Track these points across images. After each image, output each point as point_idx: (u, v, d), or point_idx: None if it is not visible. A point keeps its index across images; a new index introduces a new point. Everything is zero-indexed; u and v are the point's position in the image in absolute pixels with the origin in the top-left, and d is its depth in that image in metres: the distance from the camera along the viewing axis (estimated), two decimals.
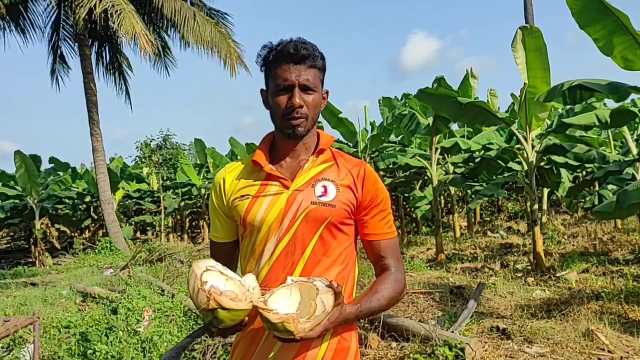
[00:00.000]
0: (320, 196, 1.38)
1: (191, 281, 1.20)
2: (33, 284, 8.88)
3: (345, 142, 12.86)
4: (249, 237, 1.43)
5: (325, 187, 1.40)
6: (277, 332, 1.15)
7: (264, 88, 1.47)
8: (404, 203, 14.74)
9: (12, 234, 21.94)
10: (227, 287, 1.23)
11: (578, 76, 5.94)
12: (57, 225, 17.72)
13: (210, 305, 1.14)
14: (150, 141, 16.16)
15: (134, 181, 20.03)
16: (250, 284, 1.27)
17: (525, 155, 7.54)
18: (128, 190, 19.76)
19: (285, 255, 1.37)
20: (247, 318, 1.22)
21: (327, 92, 1.48)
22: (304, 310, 1.18)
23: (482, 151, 10.75)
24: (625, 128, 8.76)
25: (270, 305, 1.19)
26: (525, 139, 7.45)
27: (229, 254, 1.55)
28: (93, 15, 10.75)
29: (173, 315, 5.09)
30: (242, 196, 1.42)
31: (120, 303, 5.26)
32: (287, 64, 1.35)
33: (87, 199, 18.10)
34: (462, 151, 10.29)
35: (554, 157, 8.24)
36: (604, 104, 9.84)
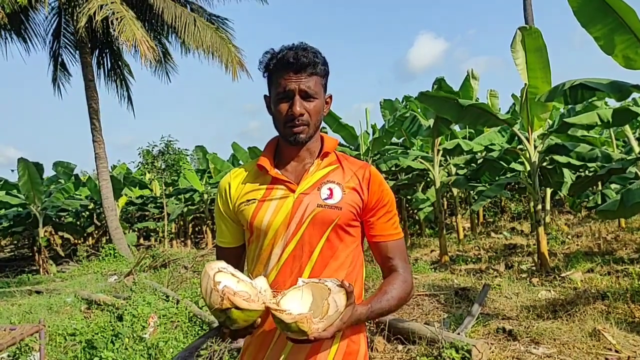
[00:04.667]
0: (326, 199, 1.39)
1: (204, 282, 1.20)
2: (38, 292, 8.89)
3: (347, 145, 12.87)
4: (255, 241, 1.44)
5: (331, 189, 1.40)
6: (291, 333, 1.15)
7: (267, 94, 1.47)
8: (407, 205, 14.72)
9: (15, 242, 21.99)
10: (239, 288, 1.23)
11: (587, 73, 5.91)
12: (60, 233, 17.76)
13: (224, 305, 1.14)
14: (152, 148, 16.17)
15: (137, 187, 20.08)
16: (261, 286, 1.27)
17: (528, 155, 7.53)
18: (131, 197, 19.80)
19: (292, 258, 1.37)
20: (259, 319, 1.22)
21: (330, 97, 1.48)
22: (316, 311, 1.18)
23: (484, 152, 10.74)
24: (627, 127, 8.75)
25: (282, 307, 1.19)
26: (527, 140, 7.44)
27: (235, 259, 1.55)
28: (93, 23, 10.79)
29: (178, 321, 5.09)
30: (248, 200, 1.43)
31: (126, 310, 5.27)
32: (288, 72, 1.36)
33: (90, 206, 18.14)
34: (464, 152, 10.28)
35: (557, 157, 8.22)
36: (605, 103, 9.83)
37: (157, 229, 19.53)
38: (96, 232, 19.02)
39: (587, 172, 9.98)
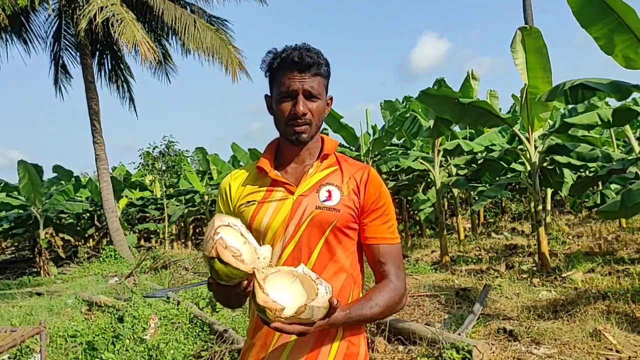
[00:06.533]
0: (324, 201, 1.38)
1: (208, 228, 1.22)
2: (38, 294, 8.90)
3: (348, 146, 12.88)
4: None
5: (329, 191, 1.40)
6: (257, 310, 1.15)
7: (269, 94, 1.47)
8: (407, 206, 14.72)
9: (16, 244, 21.97)
10: (240, 247, 1.22)
11: (588, 73, 5.90)
12: (61, 235, 17.75)
13: (210, 254, 1.15)
14: (153, 149, 16.17)
15: (138, 189, 20.09)
16: (263, 253, 1.25)
17: (528, 155, 7.52)
18: (131, 198, 19.81)
19: (291, 260, 1.36)
20: (245, 283, 1.19)
21: (331, 98, 1.49)
22: (291, 307, 1.16)
23: (485, 152, 10.74)
24: (627, 127, 8.75)
25: (268, 283, 1.18)
26: (528, 140, 7.44)
27: None
28: (94, 25, 10.81)
29: (179, 323, 5.10)
30: (248, 202, 1.43)
31: (126, 311, 5.27)
32: (292, 71, 1.36)
33: (91, 207, 18.15)
34: (465, 153, 10.29)
35: (557, 157, 8.22)
36: (606, 103, 9.83)
37: (158, 230, 19.54)
38: (97, 233, 19.02)
39: (587, 172, 9.98)
